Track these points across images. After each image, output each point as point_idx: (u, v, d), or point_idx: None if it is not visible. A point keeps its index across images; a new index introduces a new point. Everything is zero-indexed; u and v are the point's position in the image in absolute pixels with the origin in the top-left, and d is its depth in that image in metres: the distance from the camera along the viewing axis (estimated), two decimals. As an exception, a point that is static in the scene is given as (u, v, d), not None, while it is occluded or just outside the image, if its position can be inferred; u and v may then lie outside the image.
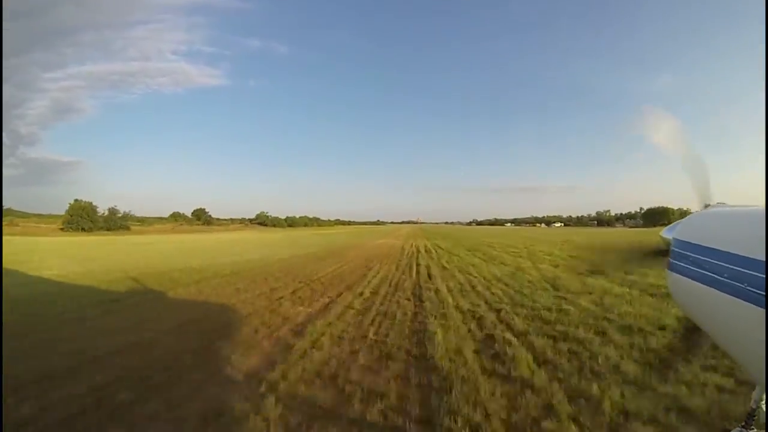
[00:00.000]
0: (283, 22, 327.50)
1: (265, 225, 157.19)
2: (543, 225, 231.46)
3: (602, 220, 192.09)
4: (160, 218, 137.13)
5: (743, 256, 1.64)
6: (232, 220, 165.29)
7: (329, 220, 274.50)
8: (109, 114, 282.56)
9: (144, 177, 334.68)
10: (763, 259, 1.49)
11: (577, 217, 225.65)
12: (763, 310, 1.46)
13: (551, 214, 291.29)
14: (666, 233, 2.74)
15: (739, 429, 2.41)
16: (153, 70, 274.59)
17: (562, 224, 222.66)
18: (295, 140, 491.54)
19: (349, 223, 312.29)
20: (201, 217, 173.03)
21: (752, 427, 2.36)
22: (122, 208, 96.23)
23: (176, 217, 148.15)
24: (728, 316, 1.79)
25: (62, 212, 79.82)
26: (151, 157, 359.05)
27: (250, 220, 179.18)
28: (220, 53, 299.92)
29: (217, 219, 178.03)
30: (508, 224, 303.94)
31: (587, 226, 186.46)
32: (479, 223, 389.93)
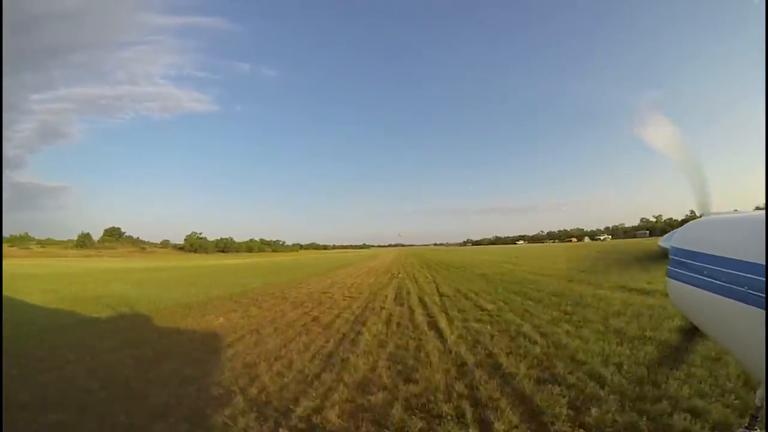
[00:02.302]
0: (273, 46, 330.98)
1: (183, 250, 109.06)
2: (586, 239, 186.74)
3: (655, 229, 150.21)
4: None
5: (742, 261, 1.67)
6: (138, 241, 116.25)
7: (298, 245, 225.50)
8: (97, 139, 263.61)
9: (132, 202, 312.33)
10: (763, 262, 1.51)
11: (607, 228, 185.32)
12: (764, 312, 1.48)
13: (547, 230, 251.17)
14: (664, 242, 2.74)
15: (742, 430, 2.40)
16: (142, 95, 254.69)
17: (609, 236, 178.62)
18: (284, 164, 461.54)
19: (325, 247, 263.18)
20: (114, 235, 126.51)
21: (755, 428, 2.34)
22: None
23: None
24: (729, 319, 1.82)
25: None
26: (139, 182, 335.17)
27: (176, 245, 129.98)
28: (209, 78, 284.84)
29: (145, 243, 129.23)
30: (520, 242, 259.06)
31: (632, 237, 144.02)
32: (476, 243, 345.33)
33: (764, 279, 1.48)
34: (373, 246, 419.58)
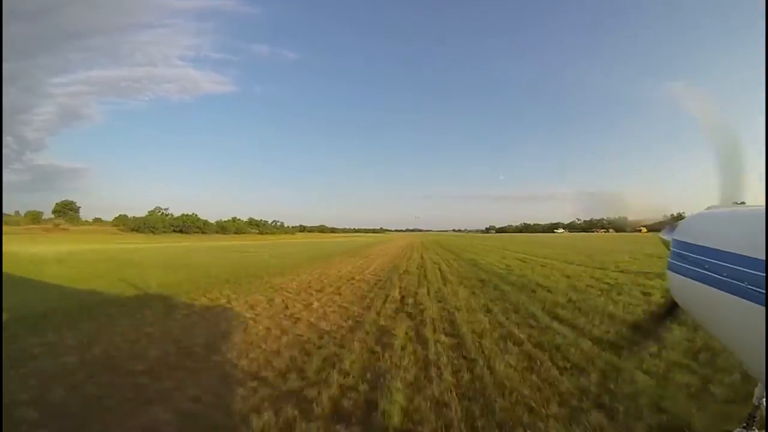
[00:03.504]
0: (292, 28, 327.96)
1: (121, 229, 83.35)
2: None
3: None
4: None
5: (743, 256, 1.64)
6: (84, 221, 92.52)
7: (301, 226, 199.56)
8: (117, 121, 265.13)
9: (151, 183, 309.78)
10: (763, 257, 1.49)
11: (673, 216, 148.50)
12: (764, 308, 1.45)
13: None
14: (665, 234, 2.66)
15: (740, 429, 2.35)
16: (160, 76, 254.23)
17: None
18: (302, 146, 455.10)
19: (333, 230, 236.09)
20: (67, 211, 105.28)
21: (753, 428, 2.29)
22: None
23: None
24: (729, 314, 1.79)
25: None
26: (158, 164, 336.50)
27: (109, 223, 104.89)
28: (227, 59, 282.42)
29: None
30: (560, 230, 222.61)
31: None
32: (500, 230, 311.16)
33: (764, 275, 1.46)
34: (390, 230, 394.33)
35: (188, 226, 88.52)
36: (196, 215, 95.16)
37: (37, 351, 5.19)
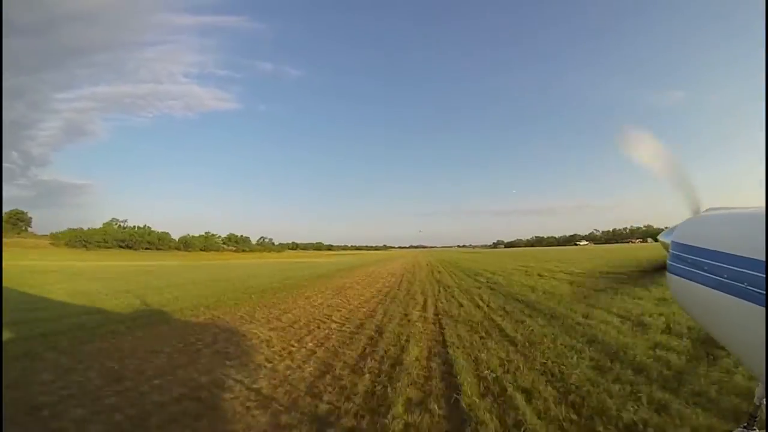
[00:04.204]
0: (295, 45, 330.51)
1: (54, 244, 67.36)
2: None
3: None
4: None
5: (743, 257, 1.62)
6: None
7: (293, 243, 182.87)
8: (121, 137, 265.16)
9: (154, 200, 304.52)
10: (763, 259, 1.47)
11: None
12: (764, 309, 1.44)
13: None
14: (664, 237, 2.63)
15: (740, 429, 2.31)
16: (164, 93, 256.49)
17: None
18: (306, 162, 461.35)
19: (329, 248, 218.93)
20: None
21: (754, 427, 2.24)
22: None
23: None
24: (729, 316, 1.76)
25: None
26: (162, 180, 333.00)
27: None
28: (231, 76, 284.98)
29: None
30: (584, 242, 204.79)
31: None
32: (509, 245, 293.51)
33: (764, 276, 1.44)
34: (393, 247, 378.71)
35: (135, 241, 71.52)
36: (148, 228, 78.24)
37: None
